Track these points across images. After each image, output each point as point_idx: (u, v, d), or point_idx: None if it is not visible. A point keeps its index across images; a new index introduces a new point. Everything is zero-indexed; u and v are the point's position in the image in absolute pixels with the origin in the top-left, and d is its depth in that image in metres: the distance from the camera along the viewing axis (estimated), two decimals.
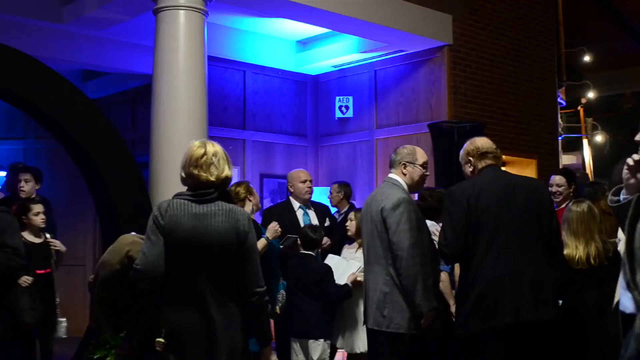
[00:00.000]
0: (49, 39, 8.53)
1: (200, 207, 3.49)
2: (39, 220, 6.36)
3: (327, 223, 6.79)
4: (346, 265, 6.04)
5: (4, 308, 5.71)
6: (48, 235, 6.51)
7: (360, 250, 5.98)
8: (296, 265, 5.99)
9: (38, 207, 6.39)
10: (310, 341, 5.80)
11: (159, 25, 6.78)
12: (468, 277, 4.36)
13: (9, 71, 5.92)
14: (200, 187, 3.53)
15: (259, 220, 6.61)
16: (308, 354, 5.81)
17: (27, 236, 6.26)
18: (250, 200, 5.95)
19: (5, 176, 8.52)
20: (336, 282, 5.86)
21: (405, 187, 4.69)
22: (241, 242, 3.51)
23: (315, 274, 5.86)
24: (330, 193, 8.02)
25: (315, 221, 6.66)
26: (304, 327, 5.83)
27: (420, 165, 4.75)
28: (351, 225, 6.21)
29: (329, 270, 5.95)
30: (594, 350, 4.81)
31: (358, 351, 5.89)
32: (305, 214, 6.71)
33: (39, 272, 6.17)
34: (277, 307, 5.94)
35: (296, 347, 5.87)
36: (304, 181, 6.73)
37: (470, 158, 4.57)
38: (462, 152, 4.64)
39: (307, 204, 6.81)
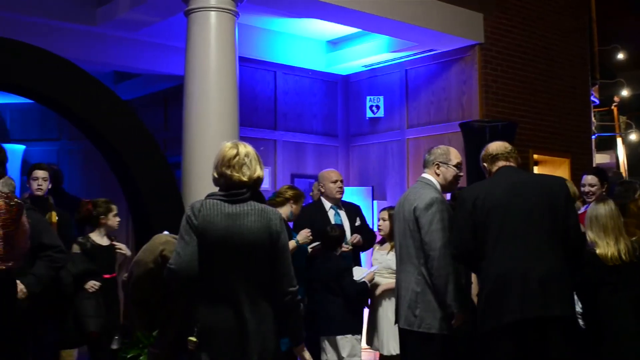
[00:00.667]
0: (82, 41, 8.62)
1: (233, 207, 3.51)
2: (116, 222, 6.18)
3: (357, 223, 6.78)
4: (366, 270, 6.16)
5: (66, 312, 5.64)
6: (114, 238, 6.30)
7: (392, 253, 5.99)
8: (318, 265, 6.05)
9: (116, 209, 6.21)
10: (338, 337, 5.82)
11: (190, 27, 6.82)
12: (481, 277, 4.36)
13: (43, 73, 5.99)
14: (232, 187, 3.55)
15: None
16: (338, 351, 5.82)
17: (95, 237, 6.06)
18: (291, 207, 5.98)
19: None
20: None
21: (439, 187, 4.68)
22: (274, 242, 3.52)
23: (334, 271, 5.91)
24: (312, 190, 8.06)
25: (346, 221, 6.65)
26: (330, 324, 5.87)
27: (454, 166, 4.73)
28: (384, 226, 6.20)
29: (347, 267, 5.99)
30: (630, 350, 4.77)
31: (394, 353, 5.89)
32: (337, 214, 6.70)
33: (105, 276, 5.99)
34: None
35: (326, 346, 5.88)
36: (335, 181, 6.72)
37: (485, 164, 4.58)
38: (481, 156, 4.66)
39: (338, 204, 6.79)
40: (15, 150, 10.88)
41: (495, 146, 4.58)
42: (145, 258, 3.70)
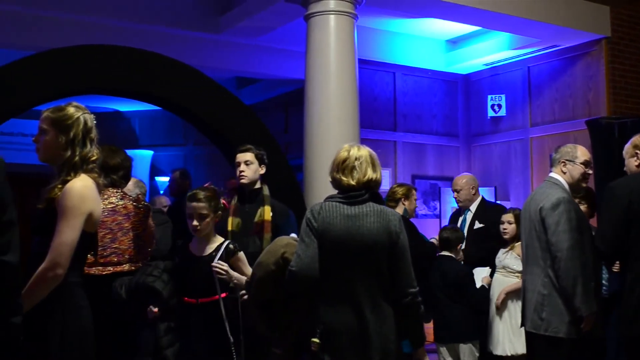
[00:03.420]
0: (206, 48, 8.89)
1: (352, 209, 3.52)
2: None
3: (476, 226, 6.64)
4: (479, 271, 6.07)
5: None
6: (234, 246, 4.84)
7: (511, 253, 5.88)
8: (435, 268, 5.88)
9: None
10: (461, 345, 5.72)
11: (310, 31, 6.89)
12: (629, 277, 4.19)
13: (170, 81, 6.17)
14: (349, 189, 3.56)
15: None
16: (457, 357, 5.73)
17: None
18: (403, 204, 5.93)
19: (169, 181, 8.90)
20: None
21: (566, 186, 4.54)
22: (393, 243, 3.50)
23: (452, 277, 5.75)
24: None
25: (467, 223, 6.60)
26: (450, 331, 5.75)
27: (582, 164, 4.58)
28: (510, 229, 6.00)
29: (467, 273, 5.85)
30: None
31: (510, 353, 5.78)
32: (464, 216, 6.67)
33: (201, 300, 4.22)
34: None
35: (443, 350, 5.80)
36: (454, 190, 6.82)
37: (638, 151, 4.38)
38: (628, 144, 4.48)
39: (467, 206, 6.74)
40: (144, 155, 11.32)
41: None
42: (267, 260, 3.75)
